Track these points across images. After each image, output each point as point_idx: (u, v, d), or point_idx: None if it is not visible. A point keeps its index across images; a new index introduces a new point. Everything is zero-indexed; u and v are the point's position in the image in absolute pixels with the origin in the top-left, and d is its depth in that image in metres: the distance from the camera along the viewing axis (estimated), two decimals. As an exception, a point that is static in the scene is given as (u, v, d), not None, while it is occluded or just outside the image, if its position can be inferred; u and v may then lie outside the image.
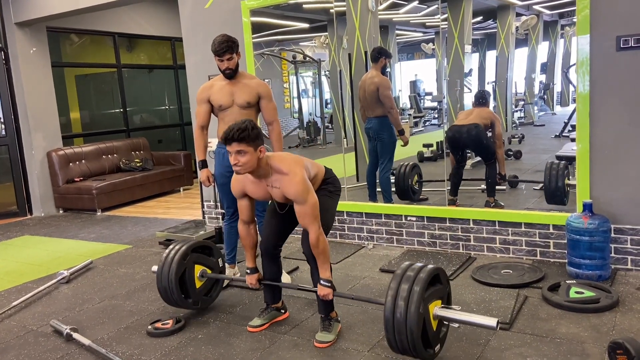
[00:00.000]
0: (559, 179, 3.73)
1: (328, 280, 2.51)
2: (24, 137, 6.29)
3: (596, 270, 3.05)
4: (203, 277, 3.00)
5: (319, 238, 2.44)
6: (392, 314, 2.14)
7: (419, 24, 5.79)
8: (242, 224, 2.73)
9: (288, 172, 2.42)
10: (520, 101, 5.73)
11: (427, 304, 2.18)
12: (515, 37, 5.23)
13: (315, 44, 6.18)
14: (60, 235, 5.33)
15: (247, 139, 2.34)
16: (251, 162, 2.38)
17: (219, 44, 3.10)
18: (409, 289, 2.15)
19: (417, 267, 2.24)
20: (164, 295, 2.93)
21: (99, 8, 5.58)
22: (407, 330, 2.11)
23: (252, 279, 2.77)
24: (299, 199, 2.41)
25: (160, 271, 2.90)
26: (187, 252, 2.92)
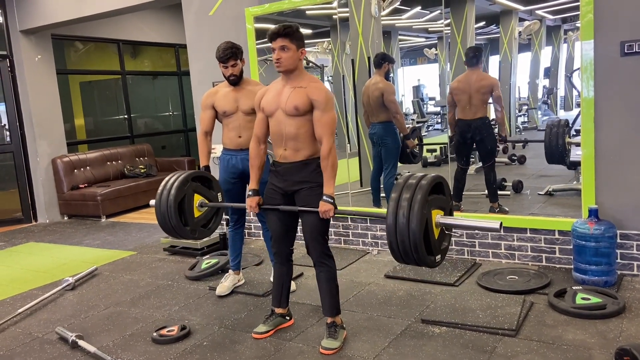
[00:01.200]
0: (559, 137, 3.72)
1: (330, 196, 2.49)
2: (29, 144, 6.32)
3: (602, 276, 3.03)
4: (202, 207, 2.96)
5: (331, 150, 2.47)
6: (395, 217, 2.11)
7: (422, 29, 5.80)
8: (255, 141, 2.71)
9: (320, 83, 2.53)
10: (524, 106, 5.72)
11: (430, 209, 2.14)
12: (518, 42, 5.24)
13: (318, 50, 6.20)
14: (65, 241, 5.34)
15: (291, 35, 2.44)
16: (292, 60, 2.46)
17: (223, 50, 3.12)
18: (412, 193, 2.12)
19: (419, 176, 2.23)
20: (162, 222, 2.86)
21: (104, 15, 5.61)
22: (410, 232, 2.07)
23: (253, 201, 2.71)
24: (323, 105, 2.46)
25: (159, 196, 2.84)
26: (187, 179, 2.89)
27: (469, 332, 2.64)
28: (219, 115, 3.29)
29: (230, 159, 3.29)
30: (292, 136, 2.53)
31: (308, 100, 2.47)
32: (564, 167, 4.14)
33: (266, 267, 3.87)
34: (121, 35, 7.41)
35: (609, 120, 3.14)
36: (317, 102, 2.46)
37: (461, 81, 4.21)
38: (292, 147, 2.55)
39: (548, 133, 3.75)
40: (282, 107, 2.53)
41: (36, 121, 6.26)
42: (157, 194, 2.87)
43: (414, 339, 2.62)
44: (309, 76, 2.56)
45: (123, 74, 7.61)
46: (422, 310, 2.94)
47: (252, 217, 4.49)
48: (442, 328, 2.71)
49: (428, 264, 2.18)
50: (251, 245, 4.56)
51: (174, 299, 3.42)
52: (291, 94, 2.50)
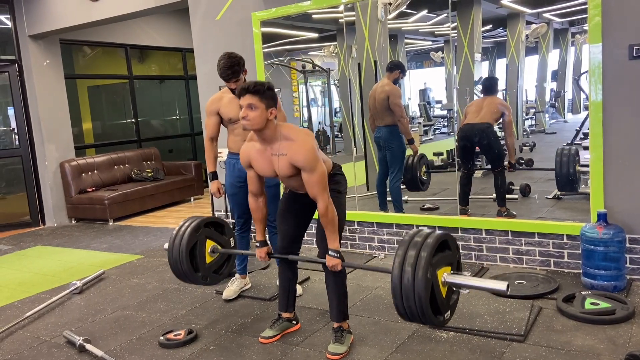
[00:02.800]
0: (570, 164, 3.70)
1: (336, 251, 2.48)
2: (37, 148, 6.36)
3: (611, 281, 3.01)
4: (214, 253, 2.98)
5: (328, 207, 2.41)
6: (400, 281, 2.10)
7: (428, 32, 5.79)
8: (251, 196, 2.70)
9: (297, 139, 2.40)
10: (531, 109, 5.69)
11: (436, 270, 2.13)
12: (525, 45, 5.22)
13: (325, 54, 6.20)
14: (72, 245, 5.36)
15: (260, 93, 2.36)
16: (259, 119, 2.36)
17: (224, 70, 3.11)
18: (417, 255, 2.10)
19: (425, 233, 2.20)
20: (174, 267, 2.89)
21: (111, 20, 5.65)
22: (415, 296, 2.06)
23: (262, 252, 2.74)
24: (307, 166, 2.37)
25: (172, 242, 2.88)
26: (199, 225, 2.91)
27: (477, 337, 2.63)
28: (224, 121, 3.30)
29: (236, 162, 3.29)
30: (297, 186, 2.56)
31: (293, 166, 2.42)
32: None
33: (272, 272, 3.87)
34: (129, 39, 7.46)
35: (618, 123, 3.12)
36: (301, 166, 2.39)
37: (473, 104, 4.35)
38: (298, 186, 2.55)
39: (558, 161, 3.73)
40: (278, 171, 2.50)
41: (44, 125, 6.31)
42: (170, 240, 2.92)
43: (422, 343, 2.61)
44: (284, 133, 2.42)
45: (130, 78, 7.66)
46: (429, 315, 2.92)
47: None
48: (450, 333, 2.69)
49: (436, 325, 2.18)
50: (258, 249, 4.55)
51: (180, 303, 3.42)
52: (279, 162, 2.45)
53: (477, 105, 4.29)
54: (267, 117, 2.38)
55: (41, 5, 5.93)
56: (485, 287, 2.14)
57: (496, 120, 4.15)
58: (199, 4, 4.79)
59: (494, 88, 4.39)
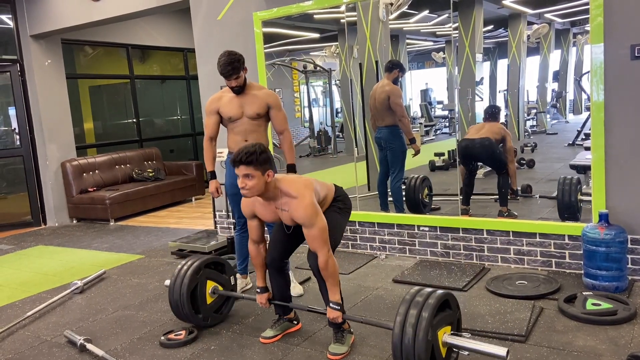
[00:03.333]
0: (572, 193, 3.71)
1: (337, 303, 2.50)
2: (38, 147, 6.37)
3: (613, 282, 3.00)
4: (214, 294, 3.00)
5: (328, 262, 2.43)
6: (400, 341, 2.12)
7: (430, 33, 5.79)
8: (252, 243, 2.73)
9: (297, 196, 2.42)
10: (533, 109, 5.69)
11: (436, 331, 2.15)
12: (526, 45, 5.21)
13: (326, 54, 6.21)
14: (73, 245, 5.37)
15: (254, 162, 2.35)
16: (258, 186, 2.39)
17: (224, 66, 3.09)
18: (418, 315, 2.12)
19: (426, 293, 2.22)
20: (175, 310, 2.93)
21: (113, 20, 5.65)
22: (415, 358, 2.08)
23: (262, 299, 2.77)
24: (307, 222, 2.41)
25: (172, 285, 2.91)
26: (200, 267, 2.93)
27: (478, 337, 2.62)
28: (223, 120, 3.30)
29: (237, 162, 3.29)
30: None
31: (295, 221, 2.48)
32: (574, 172, 4.12)
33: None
34: (130, 39, 7.47)
35: (620, 124, 3.11)
36: (301, 222, 2.44)
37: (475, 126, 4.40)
38: None
39: (560, 190, 3.75)
40: (284, 222, 2.55)
41: (46, 125, 6.32)
42: (171, 281, 2.93)
43: (422, 344, 2.60)
44: (284, 190, 2.45)
45: (132, 78, 7.66)
46: (430, 315, 2.92)
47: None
48: (451, 333, 2.69)
49: None
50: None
51: (181, 303, 3.42)
52: (282, 215, 2.50)
53: (478, 126, 4.34)
54: (266, 181, 2.40)
55: (43, 5, 5.94)
56: (485, 351, 2.15)
57: (497, 141, 4.18)
58: (201, 4, 4.80)
59: (496, 115, 4.45)
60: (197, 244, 4.44)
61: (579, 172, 4.14)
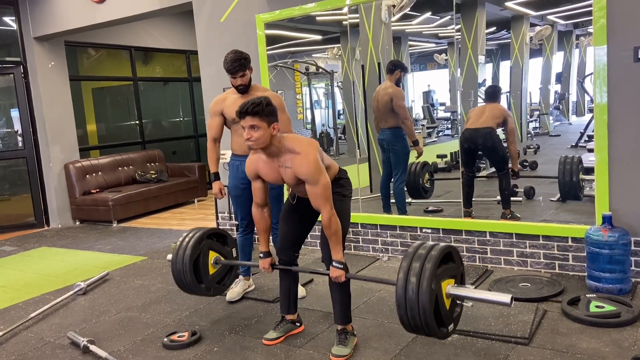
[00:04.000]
0: (573, 173, 3.69)
1: (340, 262, 2.49)
2: (42, 149, 6.39)
3: (616, 284, 2.99)
4: (217, 264, 2.99)
5: (332, 219, 2.42)
6: (404, 291, 2.11)
7: (432, 34, 5.79)
8: (256, 207, 2.71)
9: (301, 152, 2.41)
10: (536, 111, 5.68)
11: (440, 281, 2.14)
12: (529, 47, 5.21)
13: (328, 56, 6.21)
14: (77, 246, 5.38)
15: (260, 113, 2.36)
16: (264, 138, 2.38)
17: (231, 62, 3.11)
18: (421, 266, 2.11)
19: (429, 246, 2.22)
20: (178, 279, 2.91)
21: (116, 22, 5.67)
22: (420, 308, 2.07)
23: (265, 263, 2.74)
24: (310, 178, 2.39)
25: (175, 254, 2.90)
26: (202, 237, 2.93)
27: (481, 340, 2.62)
28: (227, 121, 3.31)
29: (239, 164, 3.30)
30: (303, 193, 2.56)
31: (298, 178, 2.46)
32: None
33: (276, 273, 3.85)
34: (133, 41, 7.49)
35: (623, 125, 3.11)
36: (304, 177, 2.41)
37: (476, 109, 4.34)
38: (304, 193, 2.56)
39: (562, 169, 3.72)
40: (286, 181, 2.54)
41: (49, 127, 6.33)
42: (173, 252, 2.93)
43: (425, 346, 2.60)
44: (288, 146, 2.44)
45: (135, 80, 7.68)
46: (433, 317, 2.92)
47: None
48: (454, 336, 2.68)
49: (439, 336, 2.18)
50: (261, 250, 4.55)
51: (184, 305, 3.42)
52: (285, 173, 2.48)
53: (479, 111, 4.30)
54: (271, 134, 2.40)
55: (46, 8, 5.96)
56: (490, 299, 2.15)
57: (498, 125, 4.15)
58: (203, 6, 4.81)
59: (496, 95, 4.38)
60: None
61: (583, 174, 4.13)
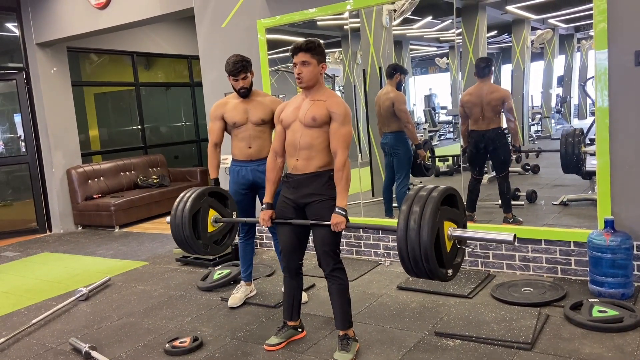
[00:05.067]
0: (574, 146, 3.68)
1: (343, 209, 2.48)
2: (44, 154, 6.40)
3: (619, 289, 2.98)
4: (216, 223, 2.96)
5: (346, 163, 2.48)
6: (405, 225, 2.08)
7: (433, 38, 5.80)
8: (272, 153, 2.72)
9: (340, 99, 2.55)
10: (537, 115, 5.68)
11: (442, 218, 2.11)
12: (530, 51, 5.21)
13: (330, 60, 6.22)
14: (79, 252, 5.38)
15: (313, 50, 2.47)
16: (313, 75, 2.49)
17: (234, 64, 3.14)
18: (422, 205, 2.10)
19: (430, 188, 2.20)
20: (175, 233, 2.87)
21: (118, 28, 5.69)
22: (421, 242, 2.04)
23: (266, 214, 2.71)
24: (340, 117, 2.47)
25: (175, 208, 2.87)
26: (204, 192, 2.92)
27: (484, 345, 2.61)
28: (228, 126, 3.31)
29: (240, 170, 3.30)
30: (305, 146, 2.54)
31: (327, 112, 2.49)
32: (579, 177, 4.10)
33: (278, 278, 3.86)
34: (135, 47, 7.51)
35: (625, 129, 3.10)
36: (335, 114, 2.48)
37: (472, 94, 4.18)
38: (304, 157, 2.55)
39: (563, 142, 3.71)
40: (300, 118, 2.55)
41: (51, 132, 6.35)
42: (174, 206, 2.90)
43: (428, 352, 2.59)
44: (329, 91, 2.59)
45: (137, 85, 7.70)
46: (435, 322, 2.91)
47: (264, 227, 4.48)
48: (456, 341, 2.67)
49: (440, 277, 2.14)
50: (262, 255, 4.56)
51: (186, 310, 3.42)
52: (311, 106, 2.53)
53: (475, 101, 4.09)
54: (320, 72, 2.52)
55: (49, 14, 5.99)
56: (491, 238, 2.12)
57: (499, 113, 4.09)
58: (205, 12, 4.82)
59: (489, 69, 4.19)
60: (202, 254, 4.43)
61: (584, 178, 4.13)
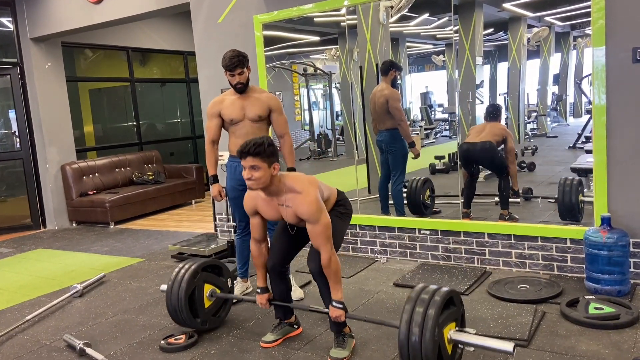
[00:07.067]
0: (572, 194, 3.69)
1: (340, 302, 2.48)
2: (38, 150, 6.36)
3: (615, 286, 2.99)
4: (212, 297, 2.97)
5: (331, 259, 2.42)
6: (407, 340, 2.11)
7: (430, 36, 5.79)
8: (254, 242, 2.70)
9: (301, 191, 2.41)
10: (533, 112, 5.69)
11: (442, 329, 2.14)
12: (527, 48, 5.21)
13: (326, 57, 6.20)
14: (73, 248, 5.35)
15: (262, 154, 2.35)
16: (264, 178, 2.38)
17: (230, 59, 3.13)
18: (424, 313, 2.11)
19: (432, 290, 2.21)
20: (173, 314, 2.90)
21: (113, 23, 5.65)
22: (423, 357, 2.07)
23: (263, 299, 2.74)
24: (311, 218, 2.39)
25: (170, 290, 2.88)
26: (197, 270, 2.91)
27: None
28: (225, 123, 3.30)
29: (237, 166, 3.28)
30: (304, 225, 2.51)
31: (298, 217, 2.45)
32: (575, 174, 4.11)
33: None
34: (130, 42, 7.47)
35: (622, 127, 3.10)
36: (305, 218, 2.42)
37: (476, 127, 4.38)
38: None
39: (561, 190, 3.72)
40: (286, 219, 2.52)
41: (46, 128, 6.31)
42: (168, 286, 2.90)
43: (424, 348, 2.58)
44: (288, 185, 2.44)
45: (132, 81, 7.66)
46: (431, 319, 2.90)
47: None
48: (453, 338, 2.67)
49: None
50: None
51: (181, 307, 3.40)
52: (285, 212, 2.47)
53: (479, 128, 4.32)
54: (272, 174, 2.40)
55: (43, 8, 5.94)
56: (492, 347, 2.14)
57: (497, 143, 4.17)
58: (201, 7, 4.80)
59: (497, 114, 4.42)
60: (197, 247, 4.42)
61: (580, 175, 4.13)
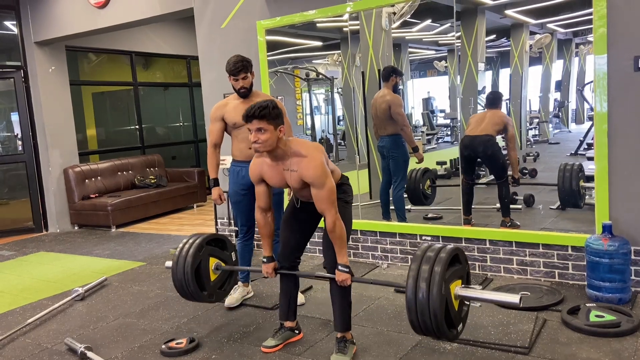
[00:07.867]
0: (572, 180, 3.68)
1: (346, 266, 2.48)
2: (41, 153, 6.38)
3: (616, 293, 2.98)
4: (218, 270, 2.98)
5: (336, 223, 2.42)
6: (414, 296, 2.12)
7: (432, 42, 5.81)
8: (259, 211, 2.70)
9: (307, 155, 2.42)
10: (535, 119, 5.70)
11: (449, 285, 2.15)
12: (529, 55, 5.23)
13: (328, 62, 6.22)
14: (75, 251, 5.36)
15: (267, 116, 2.36)
16: (271, 141, 2.39)
17: (234, 63, 3.15)
18: (430, 270, 2.12)
19: (437, 248, 2.22)
20: (180, 289, 2.90)
21: (117, 28, 5.68)
22: (430, 313, 2.09)
23: (269, 268, 2.73)
24: (316, 182, 2.39)
25: (175, 264, 2.88)
26: (202, 244, 2.92)
27: (481, 349, 2.60)
28: (228, 127, 3.32)
29: (240, 170, 3.30)
30: (308, 196, 2.53)
31: (304, 181, 2.45)
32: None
33: (275, 280, 3.84)
34: (133, 47, 7.50)
35: (623, 134, 3.11)
36: (310, 182, 2.41)
37: (476, 116, 4.37)
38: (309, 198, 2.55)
39: (561, 176, 3.70)
40: (290, 184, 2.53)
41: (49, 131, 6.33)
42: (173, 261, 2.91)
43: (425, 355, 2.58)
44: (294, 149, 2.44)
45: (135, 85, 7.69)
46: (432, 325, 2.90)
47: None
48: (454, 344, 2.67)
49: (449, 338, 2.21)
50: (260, 257, 4.53)
51: (182, 311, 3.41)
52: (290, 176, 2.48)
53: (479, 117, 4.30)
54: (278, 136, 2.40)
55: (47, 12, 5.97)
56: (498, 299, 2.15)
57: (498, 132, 4.15)
58: (205, 12, 4.82)
59: (497, 102, 4.40)
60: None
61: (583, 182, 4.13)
